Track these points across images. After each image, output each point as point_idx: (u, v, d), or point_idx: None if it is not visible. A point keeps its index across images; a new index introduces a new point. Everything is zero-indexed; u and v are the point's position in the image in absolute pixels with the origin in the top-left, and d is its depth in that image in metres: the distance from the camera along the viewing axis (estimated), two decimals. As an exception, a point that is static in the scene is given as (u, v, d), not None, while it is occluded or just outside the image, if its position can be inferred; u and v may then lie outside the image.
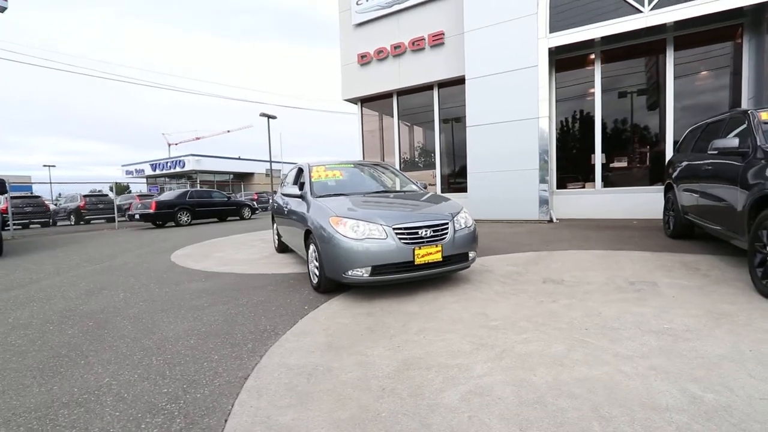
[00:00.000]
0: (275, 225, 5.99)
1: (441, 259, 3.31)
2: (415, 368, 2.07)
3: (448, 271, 3.50)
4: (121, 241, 9.03)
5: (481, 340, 2.40)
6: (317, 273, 3.56)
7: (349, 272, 3.17)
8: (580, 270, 4.00)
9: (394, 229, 3.20)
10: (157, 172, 32.97)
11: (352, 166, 4.88)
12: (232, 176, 34.55)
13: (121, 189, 28.30)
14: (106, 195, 17.75)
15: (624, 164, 8.21)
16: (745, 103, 6.92)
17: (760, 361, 1.95)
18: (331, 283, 3.46)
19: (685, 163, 5.04)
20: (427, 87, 9.98)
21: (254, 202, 15.69)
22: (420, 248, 3.21)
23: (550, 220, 7.99)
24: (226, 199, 13.98)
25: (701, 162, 4.43)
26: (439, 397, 1.78)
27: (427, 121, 10.46)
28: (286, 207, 4.83)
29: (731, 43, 7.13)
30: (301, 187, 4.33)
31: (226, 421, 1.66)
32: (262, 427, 1.60)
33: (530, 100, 7.87)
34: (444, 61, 9.27)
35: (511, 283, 3.65)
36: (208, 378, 2.04)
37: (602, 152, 8.15)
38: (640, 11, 6.90)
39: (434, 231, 3.32)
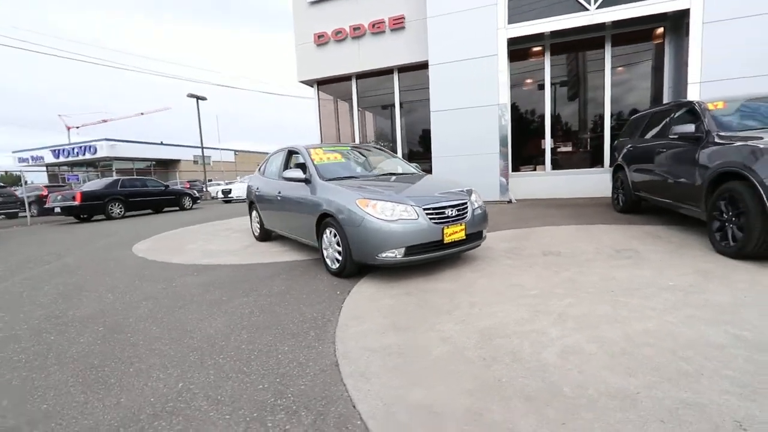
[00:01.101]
0: (254, 213, 5.63)
1: (464, 237, 3.45)
2: (496, 337, 2.17)
3: (469, 248, 3.66)
4: (51, 239, 7.73)
5: (534, 308, 2.58)
6: (338, 258, 3.48)
7: (383, 254, 3.15)
8: (567, 243, 4.44)
9: (424, 209, 3.24)
10: (61, 159, 28.41)
11: (349, 148, 4.76)
12: (153, 164, 31.10)
13: (12, 180, 23.88)
14: (4, 186, 14.87)
15: (569, 149, 9.12)
16: (666, 96, 8.09)
17: (759, 304, 2.40)
18: (355, 267, 3.41)
19: (636, 147, 5.77)
20: (387, 71, 9.96)
21: (195, 191, 14.36)
22: (448, 227, 3.30)
23: (509, 201, 8.62)
24: (163, 188, 12.61)
25: (655, 145, 5.12)
26: (539, 358, 1.91)
27: (385, 105, 10.48)
28: (279, 193, 4.58)
29: (656, 43, 8.23)
30: (303, 170, 4.13)
31: (354, 406, 1.61)
32: (401, 407, 1.58)
33: (491, 87, 8.30)
34: (405, 45, 9.32)
35: (516, 258, 3.92)
36: (296, 369, 1.94)
37: (551, 138, 8.95)
38: (587, 9, 7.62)
39: (458, 210, 3.44)
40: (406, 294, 3.00)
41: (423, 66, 9.54)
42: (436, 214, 3.29)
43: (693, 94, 7.06)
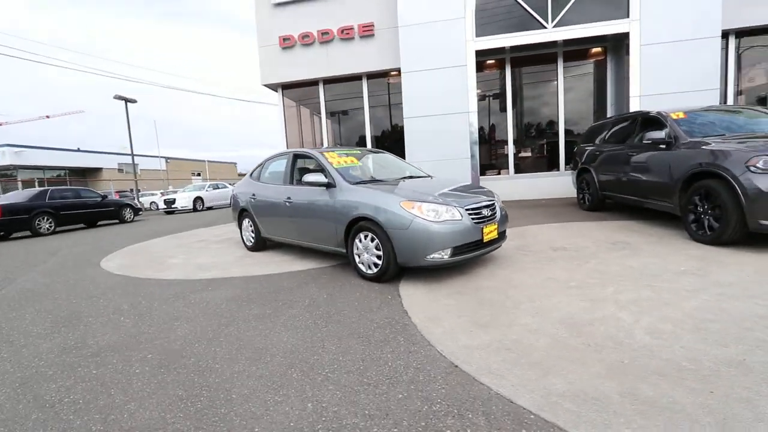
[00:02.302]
0: (246, 221, 5.27)
1: (497, 236, 3.60)
2: (580, 326, 2.31)
3: (499, 246, 3.81)
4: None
5: (587, 297, 2.78)
6: (377, 262, 3.42)
7: (431, 255, 3.17)
8: (564, 239, 4.82)
9: (465, 210, 3.33)
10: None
11: (359, 152, 4.69)
12: (66, 172, 27.28)
13: None
14: None
15: (528, 154, 9.89)
16: (609, 106, 9.17)
17: (761, 281, 2.85)
18: (396, 271, 3.38)
19: (602, 152, 6.46)
20: (356, 77, 9.96)
21: (136, 202, 12.91)
22: (486, 227, 3.42)
23: (480, 203, 9.08)
24: (99, 198, 11.15)
25: (623, 149, 5.78)
26: (636, 340, 2.07)
27: (353, 111, 10.45)
28: (288, 199, 4.36)
29: (599, 60, 9.31)
30: (323, 175, 3.98)
31: (513, 401, 1.61)
32: (557, 396, 1.62)
33: (461, 95, 8.73)
34: (375, 52, 9.41)
35: (531, 254, 4.17)
36: (420, 374, 1.88)
37: (513, 144, 9.64)
38: (545, 27, 8.39)
39: (491, 210, 3.58)
40: (459, 293, 3.05)
41: (395, 73, 9.73)
42: (476, 214, 3.39)
43: (634, 106, 8.11)
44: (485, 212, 3.48)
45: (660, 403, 1.53)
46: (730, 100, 8.69)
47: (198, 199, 15.20)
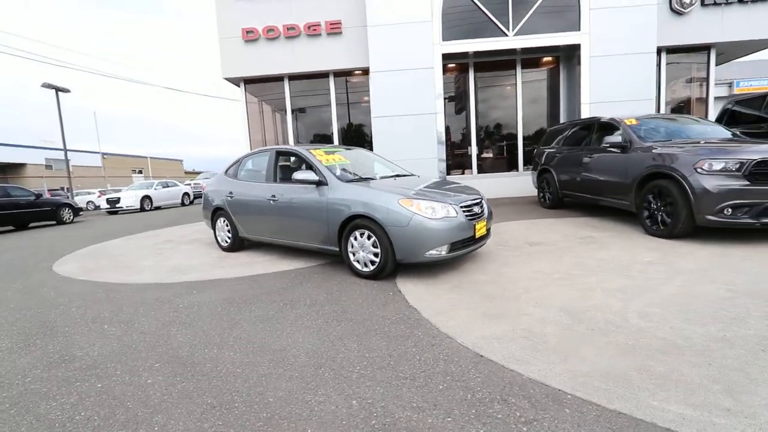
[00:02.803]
0: (221, 221, 5.02)
1: (485, 233, 3.77)
2: (580, 313, 2.51)
3: (485, 243, 3.99)
4: None
5: (576, 287, 3.01)
6: (374, 260, 3.44)
7: (430, 252, 3.25)
8: (536, 234, 5.14)
9: (460, 207, 3.45)
10: None
11: (345, 150, 4.66)
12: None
13: None
14: None
15: (490, 155, 10.37)
16: (562, 111, 9.89)
17: (716, 267, 3.26)
18: (393, 268, 3.43)
19: (562, 154, 6.96)
20: (323, 74, 9.83)
21: (75, 202, 11.67)
22: (477, 223, 3.58)
23: (447, 202, 9.38)
24: (33, 197, 9.95)
25: (582, 152, 6.28)
26: (631, 324, 2.29)
27: (318, 107, 10.30)
28: (272, 197, 4.23)
29: (552, 68, 10.00)
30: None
31: (548, 384, 1.73)
32: (586, 377, 1.77)
33: (429, 97, 8.95)
34: (343, 50, 9.35)
35: (511, 249, 4.42)
36: (451, 366, 1.95)
37: (476, 146, 10.07)
38: (507, 35, 8.85)
39: (480, 207, 3.74)
40: (458, 288, 3.16)
41: (360, 72, 9.73)
42: (468, 211, 3.53)
43: (585, 112, 8.82)
44: (476, 209, 3.64)
45: (672, 376, 1.73)
46: (662, 109, 9.74)
47: (146, 198, 14.09)
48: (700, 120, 5.95)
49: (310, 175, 3.82)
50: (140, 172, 35.87)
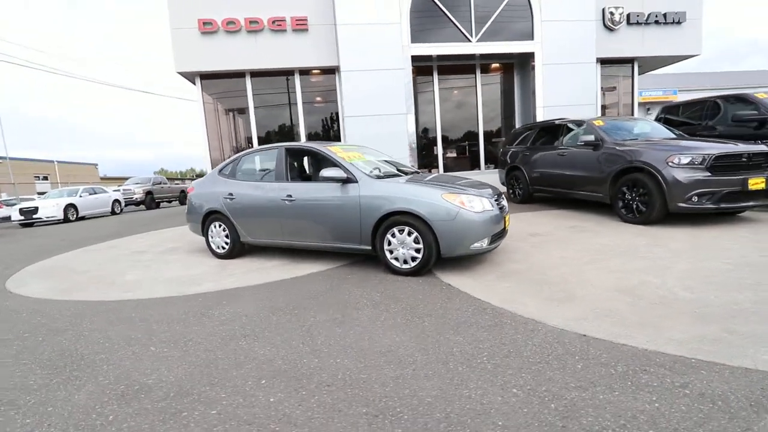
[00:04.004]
0: (218, 226, 4.59)
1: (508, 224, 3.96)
2: (632, 290, 2.76)
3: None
4: None
5: (607, 269, 3.30)
6: (416, 256, 3.42)
7: (474, 245, 3.33)
8: (529, 227, 5.50)
9: (495, 200, 3.58)
10: None
11: (356, 147, 4.54)
12: None
13: None
14: None
15: (454, 154, 10.82)
16: (517, 116, 10.66)
17: (707, 246, 3.80)
18: (434, 263, 3.44)
19: (532, 152, 7.51)
20: (288, 72, 9.45)
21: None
22: (505, 215, 3.74)
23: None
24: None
25: (554, 150, 6.84)
26: (679, 294, 2.59)
27: (282, 106, 9.89)
28: (288, 197, 3.98)
29: (509, 74, 10.75)
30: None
31: (667, 353, 1.89)
32: (699, 342, 1.96)
33: (400, 97, 9.08)
34: (309, 47, 9.08)
35: (520, 241, 4.67)
36: (562, 349, 2.03)
37: (441, 146, 10.44)
38: (470, 41, 9.32)
39: (504, 201, 3.92)
40: (504, 277, 3.28)
41: (328, 70, 9.53)
42: (498, 204, 3.67)
43: (539, 115, 9.63)
44: (503, 202, 3.80)
45: (757, 334, 2.00)
46: (598, 113, 10.99)
47: (70, 207, 12.21)
48: (647, 121, 6.84)
49: (339, 173, 3.68)
50: (45, 178, 30.89)
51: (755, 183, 4.52)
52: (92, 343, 2.46)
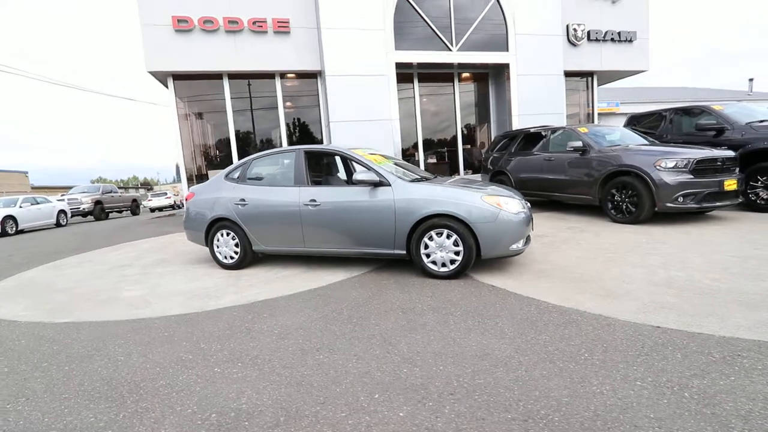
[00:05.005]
0: (225, 234, 4.28)
1: (531, 226, 4.08)
2: (669, 283, 2.93)
3: (528, 236, 4.28)
4: None
5: (630, 264, 3.50)
6: (456, 258, 3.41)
7: (513, 246, 3.39)
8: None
9: (525, 203, 3.68)
10: None
11: (372, 151, 4.44)
12: None
13: None
14: None
15: (434, 160, 11.01)
16: (493, 124, 11.11)
17: (703, 242, 4.17)
18: (470, 265, 3.45)
19: (519, 157, 7.83)
20: (268, 75, 9.13)
21: None
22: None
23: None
24: None
25: (541, 155, 7.19)
26: (706, 284, 2.80)
27: (263, 110, 9.53)
28: (311, 201, 3.81)
29: (485, 83, 11.18)
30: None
31: (742, 338, 2.03)
32: (760, 325, 2.12)
33: (385, 103, 9.11)
34: (291, 50, 8.86)
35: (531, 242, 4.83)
36: (643, 342, 2.11)
37: (423, 151, 10.60)
38: (451, 50, 9.59)
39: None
40: (538, 277, 3.36)
41: (309, 75, 9.34)
42: (528, 207, 3.78)
43: (515, 122, 10.10)
44: (528, 205, 3.91)
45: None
46: (564, 122, 11.75)
47: (8, 219, 10.76)
48: (621, 129, 7.41)
49: (372, 176, 3.58)
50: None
51: (730, 184, 5.05)
52: (138, 369, 2.16)
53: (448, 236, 3.41)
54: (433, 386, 1.77)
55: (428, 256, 3.50)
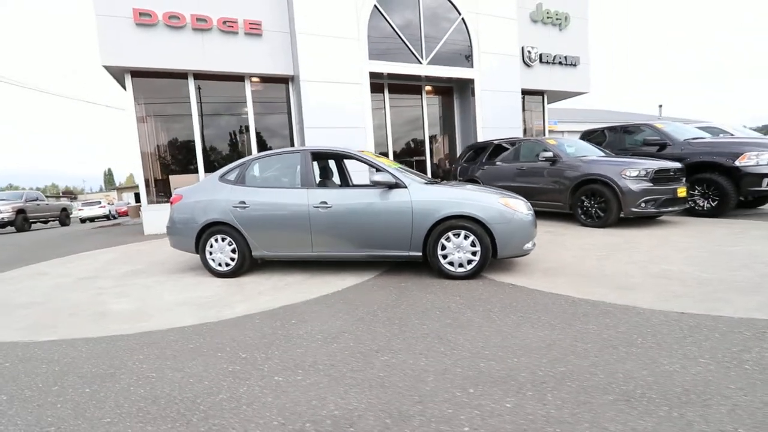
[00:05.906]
0: (221, 240, 3.98)
1: (531, 228, 4.30)
2: (669, 276, 3.26)
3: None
4: None
5: (623, 261, 3.83)
6: (473, 259, 3.49)
7: (526, 246, 3.55)
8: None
9: (529, 205, 3.87)
10: None
11: (377, 154, 4.42)
12: None
13: None
14: None
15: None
16: (457, 136, 11.57)
17: (674, 241, 4.68)
18: (486, 265, 3.55)
19: (491, 166, 8.22)
20: (237, 77, 8.73)
21: None
22: (534, 219, 4.07)
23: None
24: None
25: (513, 165, 7.62)
26: (698, 276, 3.16)
27: (232, 114, 9.07)
28: (322, 204, 3.69)
29: (450, 96, 11.65)
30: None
31: (764, 318, 2.31)
32: (768, 308, 2.43)
33: (359, 112, 9.12)
34: (263, 53, 8.57)
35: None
36: (674, 328, 2.32)
37: (393, 160, 10.73)
38: (421, 63, 9.90)
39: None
40: (548, 275, 3.55)
41: (281, 79, 9.10)
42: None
43: (480, 135, 10.62)
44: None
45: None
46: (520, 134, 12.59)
47: None
48: (580, 141, 8.10)
49: (388, 178, 3.56)
50: None
51: (681, 191, 5.74)
52: (180, 384, 1.91)
53: (466, 237, 3.48)
54: (521, 377, 1.79)
55: (445, 257, 3.54)
